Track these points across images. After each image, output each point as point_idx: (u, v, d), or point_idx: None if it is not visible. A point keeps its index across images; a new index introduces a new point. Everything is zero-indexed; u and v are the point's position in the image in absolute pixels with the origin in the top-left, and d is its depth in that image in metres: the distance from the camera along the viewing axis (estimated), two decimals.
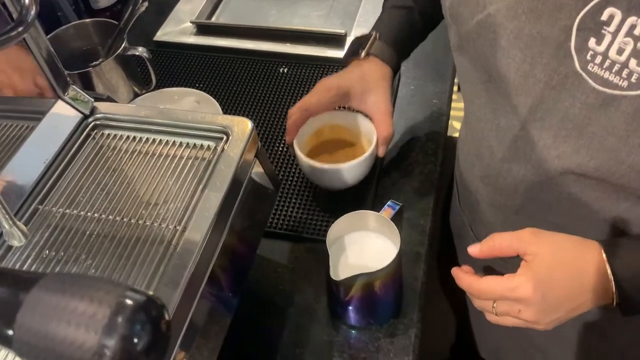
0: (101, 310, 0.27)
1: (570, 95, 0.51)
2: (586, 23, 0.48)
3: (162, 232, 0.56)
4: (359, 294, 0.65)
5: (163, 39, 1.09)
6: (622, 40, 0.46)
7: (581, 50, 0.49)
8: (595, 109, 0.50)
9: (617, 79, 0.47)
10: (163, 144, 0.64)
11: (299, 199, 0.82)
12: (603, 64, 0.48)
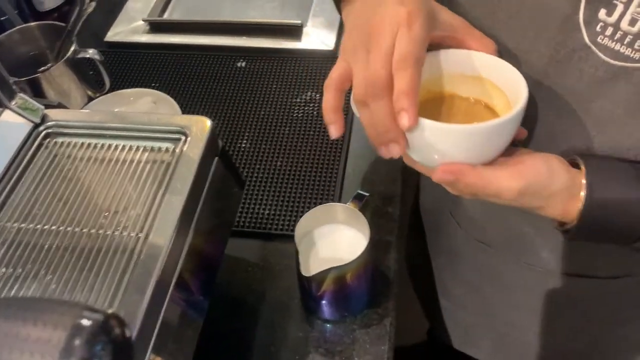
0: (56, 335, 0.25)
1: (578, 69, 0.49)
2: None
3: (124, 240, 0.54)
4: (331, 288, 0.64)
5: (115, 39, 1.06)
6: (636, 10, 0.44)
7: (590, 22, 0.47)
8: (605, 83, 0.48)
9: (629, 51, 0.45)
10: (120, 149, 0.62)
11: (265, 196, 0.80)
12: (614, 36, 0.46)
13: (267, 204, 0.79)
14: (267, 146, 0.87)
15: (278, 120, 0.90)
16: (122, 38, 1.06)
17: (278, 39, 1.02)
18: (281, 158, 0.85)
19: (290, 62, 0.99)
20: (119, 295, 0.50)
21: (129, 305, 0.49)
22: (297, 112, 0.91)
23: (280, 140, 0.87)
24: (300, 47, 1.00)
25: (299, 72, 0.97)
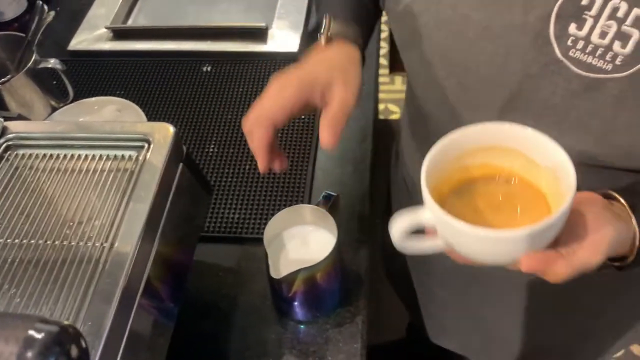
0: (8, 348, 0.25)
1: (552, 83, 0.50)
2: (566, 9, 0.47)
3: (89, 250, 0.54)
4: (301, 289, 0.64)
5: (78, 48, 1.05)
6: (605, 23, 0.45)
7: (561, 37, 0.47)
8: (579, 94, 0.49)
9: (601, 63, 0.46)
10: (82, 158, 0.61)
11: (234, 200, 0.80)
12: (585, 49, 0.47)
13: (236, 208, 0.79)
14: (235, 150, 0.87)
15: None
16: (86, 46, 1.05)
17: (243, 42, 1.02)
18: (249, 161, 0.85)
19: (256, 65, 0.99)
20: (84, 306, 0.49)
21: (95, 316, 0.48)
22: None
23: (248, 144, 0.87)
24: (265, 50, 1.01)
25: (265, 75, 0.97)
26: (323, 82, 0.56)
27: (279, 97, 0.55)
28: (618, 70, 0.46)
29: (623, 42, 0.45)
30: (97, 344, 0.46)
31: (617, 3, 0.44)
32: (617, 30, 0.45)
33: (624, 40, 0.45)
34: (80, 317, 0.48)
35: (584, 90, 0.48)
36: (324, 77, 0.56)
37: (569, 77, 0.48)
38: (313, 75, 0.57)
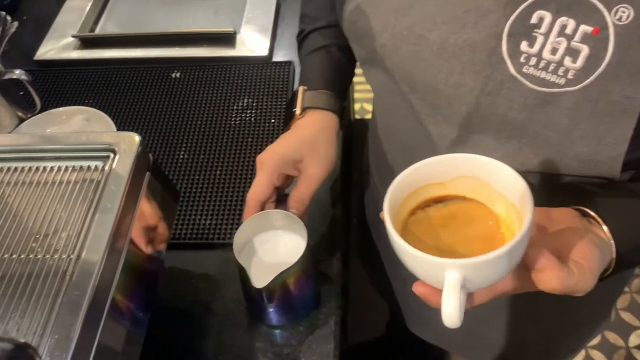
0: None
1: (508, 99, 0.51)
2: (516, 28, 0.48)
3: (55, 263, 0.54)
4: (282, 294, 0.65)
5: (45, 58, 1.04)
6: (555, 40, 0.47)
7: (514, 54, 0.49)
8: (535, 109, 0.50)
9: (554, 78, 0.48)
10: (48, 170, 0.61)
11: (206, 206, 0.80)
12: (538, 65, 0.48)
13: (207, 214, 0.79)
14: (205, 156, 0.87)
15: (215, 129, 0.91)
16: (53, 56, 1.04)
17: (212, 48, 1.03)
18: (220, 167, 0.85)
19: (225, 69, 0.99)
20: (52, 319, 0.49)
21: (62, 328, 0.48)
22: (234, 119, 0.92)
23: (219, 149, 0.87)
24: (234, 55, 1.01)
25: (234, 80, 0.98)
26: (295, 158, 0.66)
27: (259, 181, 0.65)
28: (571, 84, 0.47)
29: (573, 57, 0.46)
30: (65, 357, 0.46)
31: (564, 20, 0.46)
32: (567, 46, 0.46)
33: (574, 56, 0.46)
34: (48, 331, 0.48)
35: (539, 104, 0.49)
36: (295, 154, 0.66)
37: (525, 92, 0.49)
38: (286, 152, 0.66)
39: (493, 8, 0.48)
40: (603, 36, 0.45)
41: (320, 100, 0.71)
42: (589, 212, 0.49)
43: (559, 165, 0.53)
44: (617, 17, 0.44)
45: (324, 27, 0.75)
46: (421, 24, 0.52)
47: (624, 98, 0.46)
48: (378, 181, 0.84)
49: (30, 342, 0.48)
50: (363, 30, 0.58)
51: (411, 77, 0.56)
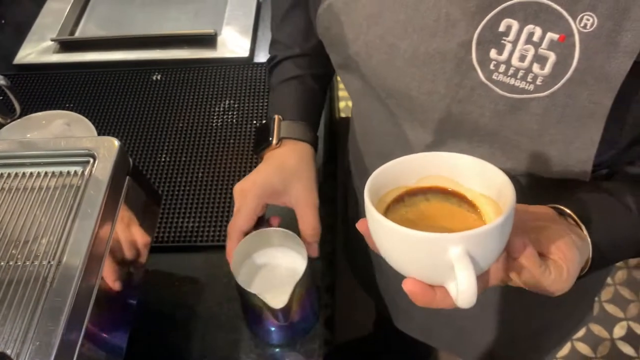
0: None
1: (479, 106, 0.51)
2: (485, 36, 0.48)
3: (36, 269, 0.54)
4: (295, 310, 0.64)
5: (24, 62, 1.03)
6: (523, 47, 0.47)
7: (483, 62, 0.49)
8: (506, 114, 0.51)
9: (524, 84, 0.48)
10: (27, 176, 0.61)
11: (188, 208, 0.81)
12: (507, 72, 0.49)
13: (190, 217, 0.79)
14: (187, 158, 0.87)
15: (197, 130, 0.91)
16: (32, 60, 1.04)
17: (193, 49, 1.02)
18: (202, 169, 0.85)
19: (206, 71, 0.99)
20: (33, 326, 0.49)
21: (43, 335, 0.48)
22: (215, 121, 0.92)
23: (201, 151, 0.88)
24: (215, 56, 1.01)
25: (215, 81, 0.98)
26: (279, 188, 0.66)
27: (244, 212, 0.65)
28: (539, 90, 0.48)
29: (541, 64, 0.47)
30: None
31: (531, 28, 0.47)
32: (534, 54, 0.47)
33: (542, 62, 0.47)
34: (29, 337, 0.48)
35: (510, 110, 0.50)
36: (279, 185, 0.66)
37: (495, 99, 0.50)
38: (269, 183, 0.66)
39: (461, 17, 0.49)
40: (569, 43, 0.45)
41: (297, 131, 0.71)
42: (567, 210, 0.50)
43: (531, 169, 0.54)
44: (582, 24, 0.45)
45: (297, 55, 0.74)
46: (392, 33, 0.53)
47: (591, 103, 0.47)
48: (359, 184, 0.84)
49: (12, 348, 0.49)
50: (337, 38, 0.58)
51: (385, 84, 0.57)
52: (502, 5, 0.47)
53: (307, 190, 0.67)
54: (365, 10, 0.54)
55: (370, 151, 0.71)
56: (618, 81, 0.45)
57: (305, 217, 0.65)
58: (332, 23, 0.58)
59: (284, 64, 0.74)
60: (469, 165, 0.45)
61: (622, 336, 1.59)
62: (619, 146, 0.51)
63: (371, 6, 0.53)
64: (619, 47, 0.44)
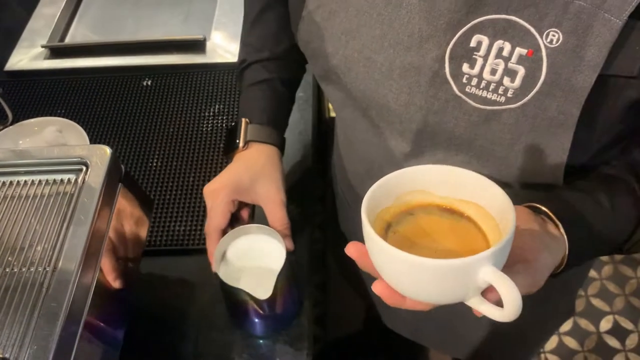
0: None
1: (454, 117, 0.53)
2: (457, 51, 0.50)
3: (32, 276, 0.55)
4: (278, 300, 0.66)
5: (15, 68, 1.04)
6: (493, 62, 0.49)
7: (457, 76, 0.51)
8: (480, 125, 0.53)
9: (495, 96, 0.50)
10: (22, 185, 0.62)
11: (179, 212, 0.82)
12: (480, 85, 0.51)
13: (181, 220, 0.81)
14: (178, 163, 0.88)
15: (188, 135, 0.92)
16: (23, 66, 1.05)
17: (182, 55, 1.04)
18: (193, 173, 0.87)
19: (196, 76, 1.01)
20: (30, 331, 0.51)
21: (40, 339, 0.50)
22: (206, 125, 0.93)
23: (191, 156, 0.89)
24: (205, 61, 1.02)
25: (205, 86, 0.99)
26: (247, 185, 0.69)
27: (217, 211, 0.68)
28: (511, 102, 0.50)
29: (511, 77, 0.49)
30: None
31: (501, 44, 0.49)
32: (504, 68, 0.49)
33: (512, 76, 0.49)
34: (26, 342, 0.50)
35: (483, 121, 0.52)
36: (247, 182, 0.69)
37: (469, 110, 0.52)
38: (238, 180, 0.69)
39: (434, 33, 0.51)
40: (537, 58, 0.48)
41: (263, 135, 0.73)
42: (543, 208, 0.51)
43: (506, 175, 0.56)
44: (548, 40, 0.47)
45: (267, 59, 0.76)
46: (369, 47, 0.55)
47: (560, 114, 0.49)
48: (344, 189, 0.86)
49: (10, 353, 0.50)
50: (317, 51, 0.60)
51: (365, 95, 0.58)
52: (472, 22, 0.49)
53: (275, 188, 0.70)
54: (343, 25, 0.56)
55: (353, 158, 0.73)
56: (584, 93, 0.47)
57: (273, 213, 0.69)
58: (312, 37, 0.59)
59: (254, 67, 0.76)
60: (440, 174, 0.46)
61: (609, 329, 1.63)
62: (589, 152, 0.54)
63: (348, 22, 0.55)
64: (583, 61, 0.46)
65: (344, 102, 0.63)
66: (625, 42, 0.45)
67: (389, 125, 0.59)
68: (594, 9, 0.44)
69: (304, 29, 0.60)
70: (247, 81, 0.76)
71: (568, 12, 0.45)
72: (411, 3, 0.51)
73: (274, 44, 0.75)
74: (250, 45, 0.77)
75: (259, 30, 0.76)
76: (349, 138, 0.72)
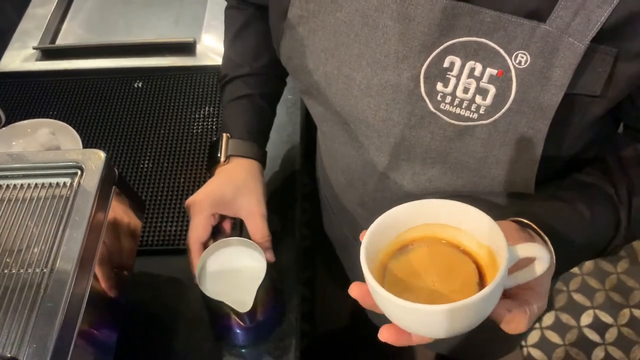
0: None
1: (429, 132, 0.56)
2: (431, 71, 0.53)
3: (29, 277, 0.57)
4: (260, 311, 0.67)
5: (7, 69, 1.06)
6: (466, 81, 0.52)
7: (431, 94, 0.54)
8: (454, 139, 0.55)
9: (468, 113, 0.53)
10: (18, 188, 0.64)
11: (171, 213, 0.84)
12: (453, 102, 0.53)
13: (173, 221, 0.83)
14: (169, 164, 0.90)
15: (178, 137, 0.94)
16: (15, 67, 1.06)
17: (173, 57, 1.05)
18: (184, 174, 0.89)
19: (186, 78, 1.03)
20: (28, 330, 0.53)
21: (39, 339, 0.52)
22: (196, 127, 0.95)
23: (182, 157, 0.91)
24: (195, 64, 1.04)
25: (195, 88, 1.01)
26: (228, 199, 0.71)
27: (199, 224, 0.71)
28: (483, 118, 0.53)
29: (483, 96, 0.52)
30: None
31: (472, 64, 0.51)
32: (476, 86, 0.52)
33: (483, 94, 0.52)
34: (25, 341, 0.52)
35: (457, 136, 0.55)
36: (228, 195, 0.71)
37: (443, 126, 0.55)
38: (219, 194, 0.71)
39: (409, 54, 0.53)
40: (507, 77, 0.50)
41: (244, 149, 0.75)
42: (529, 223, 0.51)
43: (480, 186, 0.59)
44: (517, 61, 0.50)
45: (247, 75, 0.78)
46: (348, 65, 0.57)
47: (530, 129, 0.52)
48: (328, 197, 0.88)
49: (9, 352, 0.52)
50: (299, 67, 0.62)
51: (344, 111, 0.61)
52: (444, 44, 0.51)
53: (256, 201, 0.72)
54: (322, 43, 0.58)
55: (335, 169, 0.76)
56: (552, 110, 0.50)
57: (254, 226, 0.71)
58: (294, 53, 0.61)
59: (235, 82, 0.78)
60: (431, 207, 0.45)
61: (589, 324, 1.67)
62: (559, 163, 0.56)
63: (327, 40, 0.57)
64: (550, 81, 0.49)
65: (325, 116, 0.66)
66: (589, 64, 0.48)
67: (367, 139, 0.62)
68: (558, 33, 0.47)
69: (286, 46, 0.62)
70: (228, 96, 0.79)
71: (535, 35, 0.48)
72: (387, 25, 0.53)
73: (254, 59, 0.77)
74: (231, 60, 0.79)
75: (239, 46, 0.78)
76: (329, 150, 0.74)
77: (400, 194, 0.65)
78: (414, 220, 0.46)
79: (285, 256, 0.80)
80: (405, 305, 0.39)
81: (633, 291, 1.72)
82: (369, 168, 0.65)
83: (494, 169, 0.56)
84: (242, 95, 0.77)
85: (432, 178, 0.61)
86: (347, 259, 0.98)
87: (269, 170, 0.89)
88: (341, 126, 0.64)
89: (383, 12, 0.53)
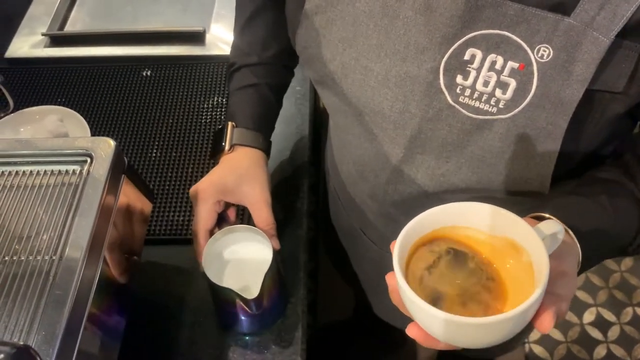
0: None
1: (447, 124, 0.55)
2: (451, 64, 0.52)
3: (39, 264, 0.57)
4: (265, 299, 0.67)
5: (16, 55, 1.05)
6: (486, 74, 0.51)
7: (451, 86, 0.53)
8: (472, 133, 0.55)
9: (487, 107, 0.52)
10: (27, 175, 0.64)
11: (178, 203, 0.84)
12: (473, 95, 0.52)
13: (181, 210, 0.83)
14: (177, 154, 0.90)
15: (187, 127, 0.94)
16: (23, 54, 1.06)
17: (182, 46, 1.05)
18: (192, 164, 0.89)
19: (195, 68, 1.02)
20: (37, 318, 0.53)
21: (48, 326, 0.52)
22: (205, 117, 0.95)
23: (190, 147, 0.91)
24: (204, 53, 1.04)
25: (204, 78, 1.01)
26: (232, 187, 0.72)
27: (204, 211, 0.71)
28: (502, 112, 0.52)
29: (503, 90, 0.51)
30: (52, 352, 0.50)
31: (494, 57, 0.51)
32: (497, 80, 0.51)
33: (503, 88, 0.51)
34: (34, 328, 0.52)
35: (475, 129, 0.55)
36: (232, 183, 0.72)
37: (462, 119, 0.54)
38: (223, 182, 0.72)
39: (429, 46, 0.53)
40: (528, 71, 0.50)
41: (248, 139, 0.75)
42: (551, 218, 0.49)
43: (495, 182, 0.58)
44: (539, 55, 0.49)
45: (255, 64, 0.78)
46: (366, 56, 0.57)
47: (549, 125, 0.51)
48: (337, 188, 0.88)
49: (18, 338, 0.52)
50: (314, 57, 0.61)
51: (360, 102, 0.60)
52: (466, 37, 0.51)
53: (259, 188, 0.72)
54: (340, 33, 0.57)
55: (347, 160, 0.75)
56: (572, 106, 0.49)
57: (259, 213, 0.71)
58: (310, 43, 0.61)
59: (242, 71, 0.78)
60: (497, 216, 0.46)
61: (592, 321, 1.67)
62: (575, 160, 0.56)
63: (346, 30, 0.57)
64: (572, 76, 0.48)
65: (339, 107, 0.65)
66: (612, 60, 0.47)
67: (382, 131, 0.61)
68: (583, 27, 0.46)
69: (302, 34, 0.62)
70: (235, 85, 0.79)
71: (558, 29, 0.47)
72: (407, 16, 0.53)
73: (262, 49, 0.77)
74: (240, 49, 0.79)
75: (248, 35, 0.78)
76: (342, 141, 0.74)
77: (413, 187, 0.64)
78: (439, 222, 0.47)
79: (291, 247, 0.80)
80: (454, 320, 0.39)
81: (636, 289, 1.72)
82: (382, 160, 0.64)
83: (511, 164, 0.56)
84: (249, 84, 0.77)
85: (446, 173, 0.60)
86: (351, 249, 0.98)
87: (277, 162, 0.89)
88: (356, 117, 0.64)
89: (404, 3, 0.52)
